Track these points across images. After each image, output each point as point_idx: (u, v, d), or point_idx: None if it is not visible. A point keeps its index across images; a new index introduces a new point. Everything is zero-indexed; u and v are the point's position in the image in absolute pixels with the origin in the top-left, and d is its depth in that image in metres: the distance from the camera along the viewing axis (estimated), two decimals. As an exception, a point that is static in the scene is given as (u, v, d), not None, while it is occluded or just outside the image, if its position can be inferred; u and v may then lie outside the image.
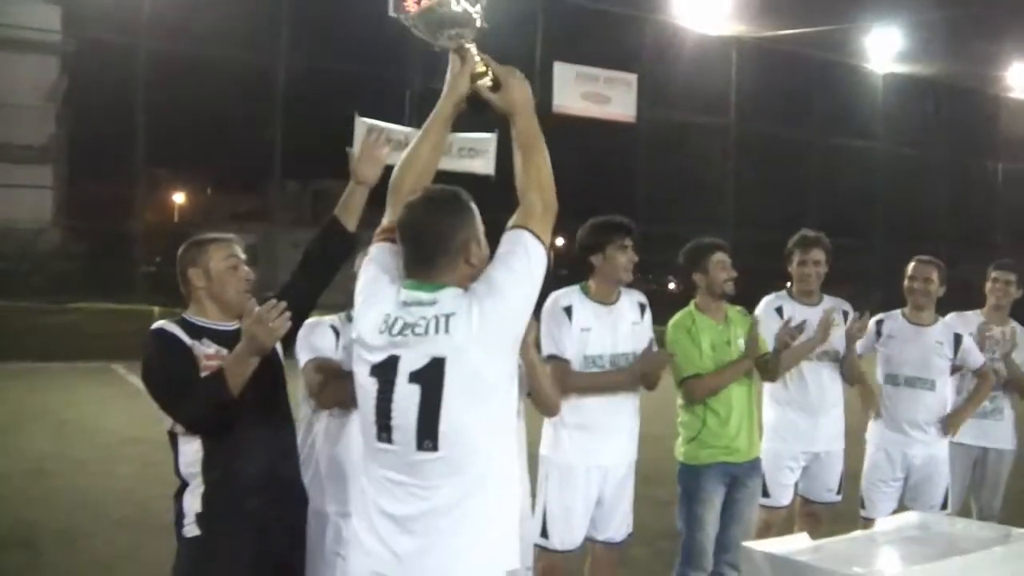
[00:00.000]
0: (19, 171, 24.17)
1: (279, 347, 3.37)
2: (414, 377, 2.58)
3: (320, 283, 3.55)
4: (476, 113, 2.96)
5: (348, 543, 2.84)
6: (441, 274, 2.67)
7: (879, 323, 5.53)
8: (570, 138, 27.66)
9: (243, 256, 3.38)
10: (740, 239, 28.89)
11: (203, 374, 3.14)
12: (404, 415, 2.59)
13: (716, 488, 4.68)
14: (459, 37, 2.84)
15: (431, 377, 2.57)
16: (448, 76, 2.93)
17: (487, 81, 2.87)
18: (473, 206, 2.77)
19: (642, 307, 4.63)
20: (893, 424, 5.43)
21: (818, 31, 26.46)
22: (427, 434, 2.58)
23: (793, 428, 5.30)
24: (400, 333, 2.59)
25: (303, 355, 3.66)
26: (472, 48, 2.84)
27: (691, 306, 4.85)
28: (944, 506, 5.37)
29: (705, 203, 29.54)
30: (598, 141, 28.20)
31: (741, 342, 4.73)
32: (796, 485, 5.39)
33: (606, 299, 4.52)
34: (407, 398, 2.59)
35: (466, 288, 2.65)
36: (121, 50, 22.40)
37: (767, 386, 5.38)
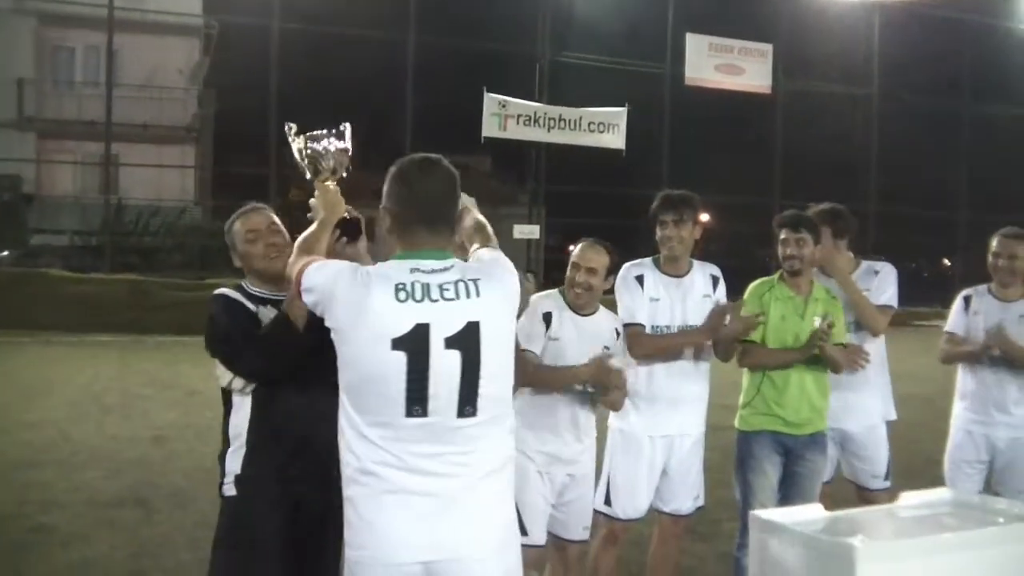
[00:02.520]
0: (165, 151, 25.14)
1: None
2: (451, 342, 2.54)
3: None
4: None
5: (356, 542, 2.64)
6: (447, 243, 2.70)
7: (966, 299, 5.25)
8: (703, 111, 27.18)
9: (265, 223, 3.35)
10: (884, 213, 27.86)
11: None
12: (444, 383, 2.55)
13: (768, 456, 4.56)
14: (331, 172, 3.12)
15: (468, 341, 2.56)
16: (317, 203, 3.08)
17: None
18: None
19: (715, 279, 4.61)
20: (978, 405, 5.18)
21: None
22: (468, 399, 2.57)
23: None
24: (425, 299, 2.55)
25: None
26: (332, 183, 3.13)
27: (777, 274, 4.71)
28: None
29: (846, 176, 28.52)
30: (732, 114, 27.55)
31: (817, 320, 4.52)
32: (838, 464, 5.11)
33: (675, 271, 4.55)
34: (447, 365, 2.55)
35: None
36: (257, 31, 22.98)
37: None
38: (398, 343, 2.51)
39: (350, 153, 3.16)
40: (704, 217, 4.92)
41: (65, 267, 19.81)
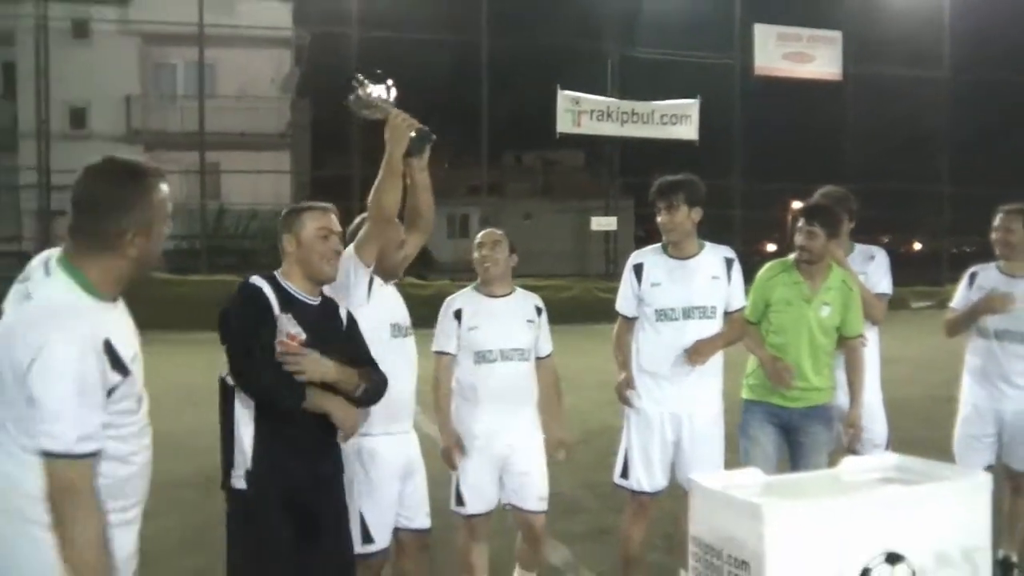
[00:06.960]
0: (261, 158, 26.36)
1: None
2: None
3: None
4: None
5: None
6: (82, 256, 2.38)
7: (972, 275, 5.29)
8: (773, 100, 27.33)
9: (337, 228, 3.48)
10: (957, 196, 27.89)
11: (278, 350, 3.21)
12: None
13: (762, 427, 4.69)
14: (371, 116, 3.73)
15: None
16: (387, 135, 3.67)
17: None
18: (151, 188, 2.43)
19: (728, 261, 4.61)
20: (984, 379, 5.22)
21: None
22: None
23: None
24: None
25: None
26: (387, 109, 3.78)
27: (790, 258, 4.83)
28: None
29: (918, 159, 28.44)
30: (803, 102, 27.65)
31: (825, 311, 4.67)
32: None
33: (680, 254, 4.57)
34: None
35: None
36: (342, 40, 24.01)
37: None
38: None
39: (384, 97, 3.74)
40: (796, 204, 4.95)
41: (170, 270, 20.69)
